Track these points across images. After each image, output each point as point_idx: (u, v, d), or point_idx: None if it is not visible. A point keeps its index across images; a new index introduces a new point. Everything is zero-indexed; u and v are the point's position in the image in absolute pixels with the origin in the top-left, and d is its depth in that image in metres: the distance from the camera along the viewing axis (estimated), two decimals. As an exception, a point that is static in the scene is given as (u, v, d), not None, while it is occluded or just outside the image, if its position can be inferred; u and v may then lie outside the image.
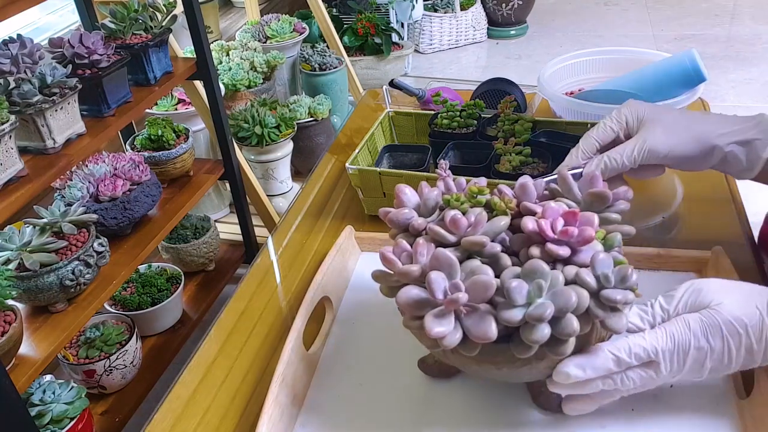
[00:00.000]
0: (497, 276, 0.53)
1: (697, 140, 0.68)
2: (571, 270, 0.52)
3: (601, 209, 0.58)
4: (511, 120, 0.92)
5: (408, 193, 0.63)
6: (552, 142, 0.89)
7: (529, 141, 0.88)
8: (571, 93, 1.13)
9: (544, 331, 0.49)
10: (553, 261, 0.53)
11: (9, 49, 1.14)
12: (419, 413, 0.63)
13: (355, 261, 0.83)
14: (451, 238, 0.56)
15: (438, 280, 0.51)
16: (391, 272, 0.56)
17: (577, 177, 0.71)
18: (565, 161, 0.73)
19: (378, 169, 0.87)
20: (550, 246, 0.52)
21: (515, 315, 0.49)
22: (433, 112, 0.99)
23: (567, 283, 0.51)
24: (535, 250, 0.53)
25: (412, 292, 0.53)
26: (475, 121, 0.94)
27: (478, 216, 0.56)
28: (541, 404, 0.61)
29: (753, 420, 0.56)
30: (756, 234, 0.83)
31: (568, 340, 0.50)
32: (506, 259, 0.55)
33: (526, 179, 0.61)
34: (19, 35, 1.18)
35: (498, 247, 0.54)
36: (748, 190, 0.96)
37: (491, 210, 0.58)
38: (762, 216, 0.83)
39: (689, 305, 0.54)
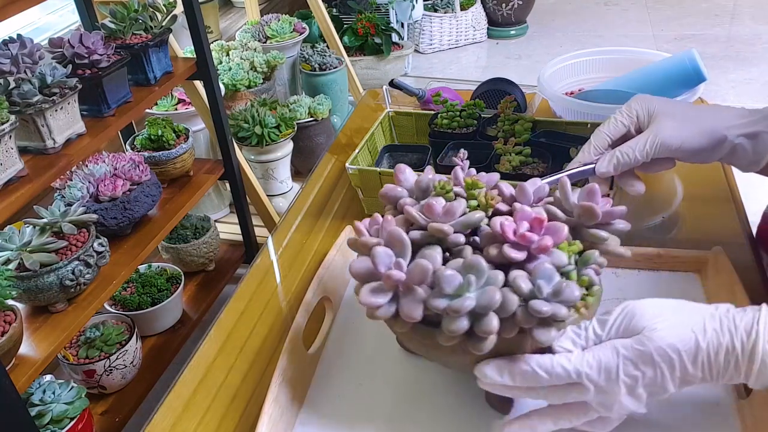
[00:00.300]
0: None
1: (707, 133, 0.68)
2: (514, 274, 0.52)
3: (590, 224, 0.58)
4: (511, 120, 0.92)
5: (406, 173, 0.64)
6: (552, 142, 0.89)
7: (529, 141, 0.88)
8: (571, 93, 1.13)
9: (462, 324, 0.50)
10: (510, 263, 0.53)
11: (9, 49, 1.14)
12: (418, 413, 0.63)
13: (355, 261, 0.83)
14: (422, 221, 0.57)
15: (383, 255, 0.53)
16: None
17: (590, 173, 0.70)
18: (577, 157, 0.72)
19: (378, 169, 0.87)
20: (505, 247, 0.53)
21: (440, 303, 0.51)
22: (433, 112, 0.99)
23: (507, 285, 0.51)
24: (493, 250, 0.54)
25: (364, 263, 0.55)
26: (475, 121, 0.94)
27: (449, 206, 0.56)
28: (488, 401, 0.62)
29: (753, 420, 0.56)
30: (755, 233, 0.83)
31: (487, 338, 0.51)
32: (468, 252, 0.56)
33: (530, 182, 0.61)
34: (19, 35, 1.18)
35: (461, 238, 0.56)
36: (749, 189, 0.96)
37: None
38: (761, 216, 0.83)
39: (622, 330, 0.52)
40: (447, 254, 0.56)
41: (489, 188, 0.62)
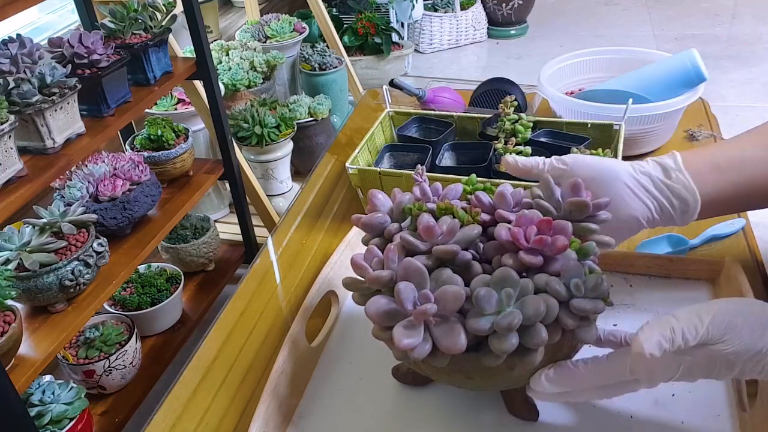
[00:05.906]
0: (468, 284, 0.52)
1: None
2: (542, 278, 0.51)
3: (580, 218, 0.57)
4: (511, 120, 0.92)
5: (381, 198, 0.62)
6: (552, 141, 0.89)
7: (530, 141, 0.88)
8: (571, 93, 1.13)
9: (512, 341, 0.48)
10: (526, 269, 0.53)
11: (8, 49, 1.14)
12: (417, 410, 0.63)
13: (363, 258, 0.82)
14: (423, 247, 0.55)
15: (407, 290, 0.51)
16: (362, 279, 0.56)
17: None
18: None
19: (378, 168, 0.87)
20: (523, 255, 0.52)
21: (483, 324, 0.49)
22: (433, 112, 0.98)
23: (537, 291, 0.50)
24: (508, 259, 0.53)
25: (381, 302, 0.52)
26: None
27: (450, 224, 0.55)
28: (516, 413, 0.61)
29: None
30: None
31: (537, 350, 0.50)
32: (477, 268, 0.54)
33: (504, 188, 0.60)
34: (18, 35, 1.17)
35: (469, 256, 0.54)
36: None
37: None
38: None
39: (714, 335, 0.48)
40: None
41: (448, 197, 0.60)
